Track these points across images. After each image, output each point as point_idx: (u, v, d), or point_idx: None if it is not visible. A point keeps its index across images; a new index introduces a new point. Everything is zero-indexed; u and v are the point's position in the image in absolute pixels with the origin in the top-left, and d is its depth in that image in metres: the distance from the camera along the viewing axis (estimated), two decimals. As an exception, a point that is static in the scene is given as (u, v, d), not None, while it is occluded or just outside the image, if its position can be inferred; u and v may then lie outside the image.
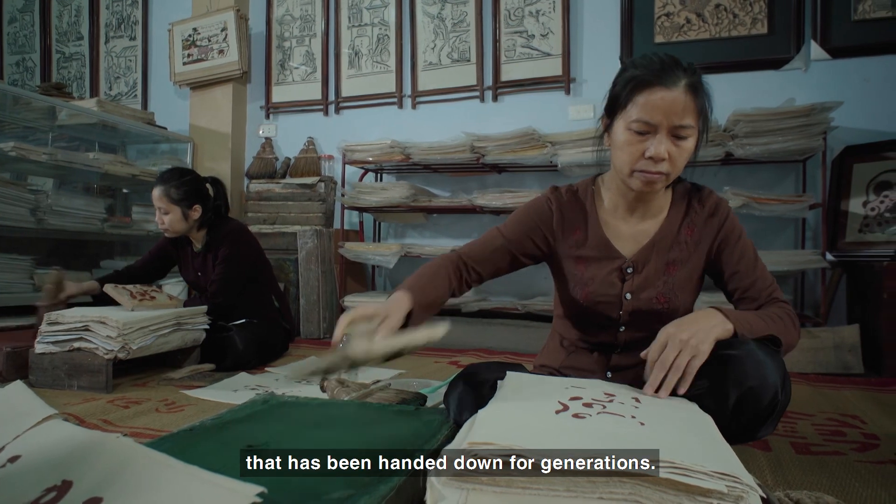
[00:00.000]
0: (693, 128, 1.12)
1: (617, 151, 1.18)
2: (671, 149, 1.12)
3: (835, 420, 1.68)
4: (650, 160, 1.12)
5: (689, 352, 1.00)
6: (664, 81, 1.10)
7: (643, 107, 1.11)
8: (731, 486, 0.62)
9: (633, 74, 1.14)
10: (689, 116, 1.11)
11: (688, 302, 1.30)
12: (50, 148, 3.27)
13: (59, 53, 4.62)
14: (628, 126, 1.13)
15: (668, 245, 1.26)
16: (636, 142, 1.13)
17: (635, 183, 1.17)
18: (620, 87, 1.17)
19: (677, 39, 3.04)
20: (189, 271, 2.58)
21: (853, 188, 2.68)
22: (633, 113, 1.12)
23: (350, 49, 3.74)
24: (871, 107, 2.74)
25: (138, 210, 3.80)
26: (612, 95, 1.20)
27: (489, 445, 0.66)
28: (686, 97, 1.10)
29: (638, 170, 1.14)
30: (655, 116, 1.10)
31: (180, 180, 2.42)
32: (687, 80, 1.10)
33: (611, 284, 1.26)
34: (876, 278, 2.36)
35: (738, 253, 1.24)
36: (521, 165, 3.09)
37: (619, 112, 1.17)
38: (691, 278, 1.28)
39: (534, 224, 1.31)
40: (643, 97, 1.11)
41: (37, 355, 1.97)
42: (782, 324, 1.15)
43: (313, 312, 3.27)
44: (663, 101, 1.09)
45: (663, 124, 1.10)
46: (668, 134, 1.11)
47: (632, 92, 1.13)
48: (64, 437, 0.87)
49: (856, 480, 1.20)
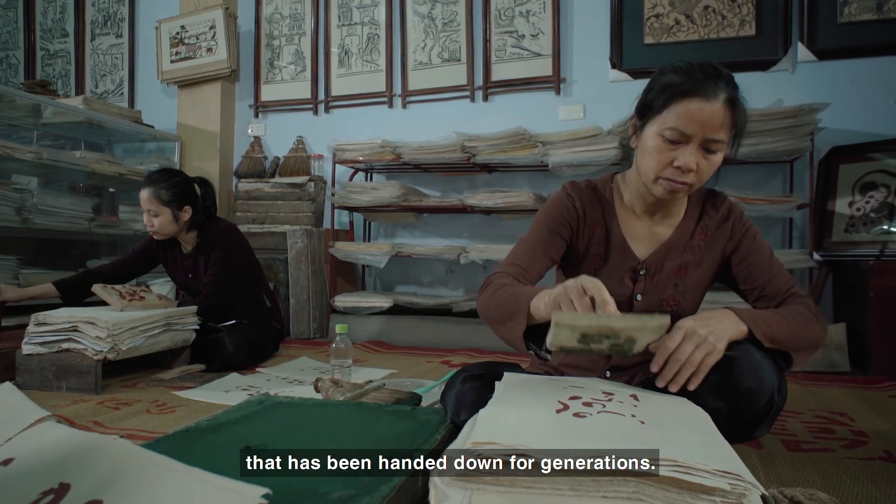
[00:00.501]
0: (724, 143, 1.11)
1: (645, 156, 1.16)
2: (700, 161, 1.10)
3: (823, 417, 1.70)
4: (678, 169, 1.11)
5: (705, 348, 1.00)
6: (705, 92, 1.07)
7: (680, 116, 1.08)
8: (733, 484, 0.62)
9: (673, 81, 1.11)
10: (724, 131, 1.10)
11: (695, 305, 1.31)
12: (35, 146, 3.22)
13: (43, 50, 4.56)
14: (661, 132, 1.11)
15: (681, 249, 1.26)
16: (666, 149, 1.11)
17: (658, 189, 1.16)
18: (657, 92, 1.14)
19: (666, 41, 3.07)
20: (179, 273, 2.55)
21: (839, 188, 2.71)
22: (668, 120, 1.10)
23: (340, 48, 3.73)
24: (857, 108, 2.78)
25: (125, 209, 3.76)
26: (646, 98, 1.17)
27: (493, 445, 0.67)
28: (724, 111, 1.08)
29: (663, 177, 1.13)
30: (691, 127, 1.08)
31: (170, 181, 2.38)
32: (727, 93, 1.09)
33: (622, 285, 1.26)
34: (862, 277, 2.39)
35: (751, 254, 1.24)
36: (512, 165, 3.10)
37: (653, 117, 1.14)
38: (702, 282, 1.28)
39: (562, 221, 1.27)
40: (681, 106, 1.09)
41: (24, 356, 1.94)
42: (803, 320, 1.14)
43: (303, 312, 3.26)
44: (702, 112, 1.07)
45: (697, 136, 1.08)
46: (699, 145, 1.10)
47: (670, 99, 1.10)
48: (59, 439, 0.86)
49: (846, 477, 1.22)
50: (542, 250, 1.25)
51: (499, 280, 1.16)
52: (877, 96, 2.77)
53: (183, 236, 2.48)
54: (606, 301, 0.89)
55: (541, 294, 1.01)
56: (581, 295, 0.91)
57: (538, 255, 1.24)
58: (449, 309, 3.14)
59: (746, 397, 1.02)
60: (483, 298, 1.16)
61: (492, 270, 1.23)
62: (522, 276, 1.20)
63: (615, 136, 2.77)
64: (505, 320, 1.08)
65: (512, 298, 1.07)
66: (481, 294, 1.18)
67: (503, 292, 1.11)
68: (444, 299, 3.19)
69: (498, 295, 1.11)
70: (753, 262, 1.24)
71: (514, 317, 1.05)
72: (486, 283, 1.19)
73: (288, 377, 2.17)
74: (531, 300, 1.02)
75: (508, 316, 1.07)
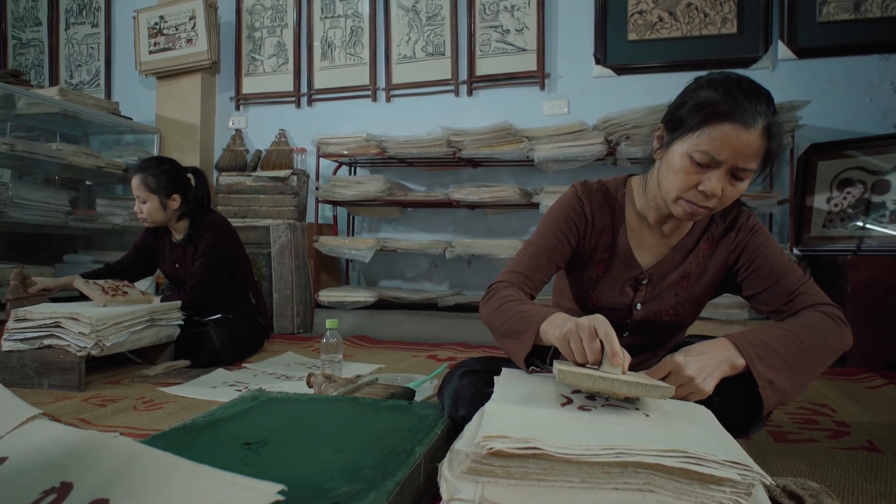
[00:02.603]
0: (753, 171, 1.04)
1: (669, 174, 1.08)
2: (726, 187, 1.04)
3: (806, 409, 1.74)
4: (702, 193, 1.04)
5: (688, 388, 0.97)
6: (743, 118, 0.99)
7: (713, 140, 1.01)
8: (742, 475, 0.63)
9: (710, 100, 1.02)
10: (756, 160, 1.03)
11: (695, 313, 1.28)
12: (8, 137, 3.14)
13: (15, 39, 4.44)
14: (690, 153, 1.04)
15: (684, 258, 1.22)
16: (693, 171, 1.04)
17: (678, 210, 1.09)
18: (691, 109, 1.05)
19: (650, 37, 3.09)
20: (167, 263, 2.52)
21: (817, 185, 2.77)
22: (700, 143, 1.02)
23: (322, 41, 3.69)
24: (835, 106, 2.84)
25: (103, 203, 3.69)
26: (678, 113, 1.08)
27: (503, 439, 0.67)
28: (761, 140, 1.01)
29: (685, 199, 1.07)
30: (724, 154, 1.01)
31: (158, 169, 2.37)
32: (766, 121, 1.01)
33: (623, 293, 1.24)
34: (840, 272, 2.45)
35: (756, 260, 1.17)
36: (497, 160, 3.10)
37: (684, 134, 1.05)
38: (704, 293, 1.24)
39: (570, 225, 1.22)
40: (716, 129, 1.00)
41: (3, 353, 1.89)
42: (819, 331, 1.06)
43: (287, 307, 3.23)
44: (738, 140, 1.00)
45: (728, 162, 1.02)
46: (727, 171, 1.03)
47: (705, 119, 1.02)
48: (55, 437, 0.84)
49: (832, 466, 1.25)
50: (548, 257, 1.21)
51: (505, 291, 1.13)
52: (854, 95, 2.83)
53: (173, 225, 2.46)
54: (616, 353, 0.84)
55: (551, 319, 0.98)
56: (592, 338, 0.87)
57: (543, 262, 1.20)
58: (434, 303, 3.14)
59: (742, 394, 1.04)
60: (488, 309, 1.13)
61: (496, 277, 1.21)
62: (526, 286, 1.17)
63: (600, 131, 2.79)
64: (510, 336, 1.06)
65: (520, 317, 1.04)
66: (486, 303, 1.15)
67: (511, 308, 1.07)
68: (429, 294, 3.19)
69: (505, 309, 1.08)
70: (758, 267, 1.17)
71: (520, 336, 1.02)
72: (490, 291, 1.17)
73: (275, 372, 2.15)
74: (541, 323, 0.99)
75: (514, 333, 1.04)
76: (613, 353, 0.85)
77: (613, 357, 0.84)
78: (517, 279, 1.17)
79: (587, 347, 0.88)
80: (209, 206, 2.55)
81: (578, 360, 0.89)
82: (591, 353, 0.87)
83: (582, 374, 0.78)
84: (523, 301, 1.09)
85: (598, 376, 0.78)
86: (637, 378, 0.82)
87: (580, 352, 0.89)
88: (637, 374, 0.86)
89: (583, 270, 1.27)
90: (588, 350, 0.87)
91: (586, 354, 0.88)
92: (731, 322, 2.61)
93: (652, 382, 0.79)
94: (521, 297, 1.12)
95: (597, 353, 0.87)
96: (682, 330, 1.34)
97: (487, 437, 0.67)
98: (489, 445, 0.66)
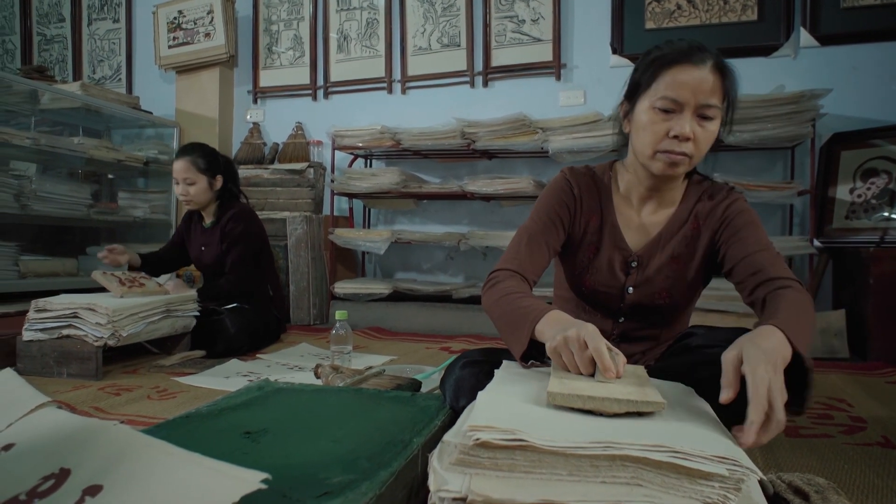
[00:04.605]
0: (718, 108, 1.10)
1: (639, 133, 1.14)
2: (696, 129, 1.09)
3: (822, 404, 1.71)
4: (674, 139, 1.09)
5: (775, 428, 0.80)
6: (692, 59, 1.08)
7: (670, 84, 1.08)
8: (731, 470, 0.62)
9: (659, 55, 1.12)
10: (716, 96, 1.08)
11: (690, 296, 1.28)
12: (33, 132, 3.21)
13: (40, 36, 4.52)
14: (653, 105, 1.10)
15: (672, 238, 1.23)
16: (660, 121, 1.10)
17: (657, 165, 1.13)
18: (643, 69, 1.14)
19: (668, 25, 3.04)
20: (194, 247, 2.62)
21: (840, 175, 2.70)
22: (658, 90, 1.09)
23: (339, 33, 3.70)
24: (860, 94, 2.76)
25: (124, 196, 3.75)
26: (633, 79, 1.17)
27: (490, 430, 0.67)
28: (713, 76, 1.08)
29: (661, 150, 1.11)
30: (683, 94, 1.07)
31: (203, 150, 2.52)
32: (713, 59, 1.08)
33: (614, 277, 1.24)
34: (862, 264, 2.39)
35: (739, 232, 1.16)
36: (512, 151, 3.09)
37: (643, 93, 1.13)
38: (696, 274, 1.24)
39: (560, 207, 1.24)
40: (670, 75, 1.08)
41: (24, 343, 1.94)
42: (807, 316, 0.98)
43: (303, 299, 3.26)
44: (692, 78, 1.07)
45: (690, 103, 1.07)
46: (693, 113, 1.08)
47: (657, 70, 1.10)
48: (59, 424, 0.86)
49: (844, 462, 1.22)
50: (544, 242, 1.21)
51: (505, 282, 1.13)
52: (879, 82, 2.75)
53: (209, 208, 2.58)
54: (608, 367, 0.84)
55: (546, 318, 0.98)
56: (582, 349, 0.87)
57: (539, 247, 1.21)
58: (449, 295, 3.14)
59: None
60: (488, 300, 1.14)
61: (495, 265, 1.21)
62: (525, 273, 1.18)
63: (615, 122, 2.75)
64: (507, 331, 1.06)
65: (518, 312, 1.04)
66: (486, 293, 1.15)
67: (510, 301, 1.08)
68: (444, 286, 3.19)
69: (504, 302, 1.08)
70: (739, 239, 1.15)
71: (516, 332, 1.03)
72: (490, 280, 1.17)
73: (288, 363, 2.17)
74: (536, 322, 0.99)
75: (511, 329, 1.05)
76: (605, 369, 0.84)
77: (606, 371, 0.84)
78: (515, 266, 1.18)
79: (578, 360, 0.88)
80: (238, 196, 2.66)
81: (572, 371, 0.89)
82: (582, 366, 0.87)
83: (572, 396, 0.78)
84: (523, 294, 1.09)
85: (587, 396, 0.77)
86: (630, 390, 0.81)
87: (572, 365, 0.89)
88: (632, 383, 0.85)
89: (575, 254, 1.28)
90: (580, 363, 0.88)
91: (578, 367, 0.88)
92: (749, 315, 2.57)
93: (644, 397, 0.78)
94: (521, 288, 1.12)
95: (588, 365, 0.87)
96: (678, 314, 1.32)
97: (474, 427, 0.67)
98: (476, 436, 0.66)
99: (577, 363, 0.88)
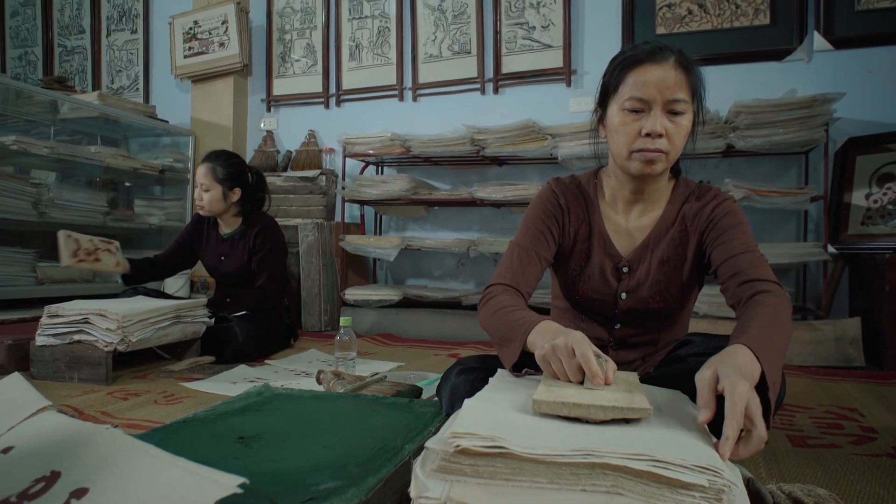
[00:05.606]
0: (687, 103, 1.11)
1: (613, 136, 1.16)
2: (667, 125, 1.10)
3: (833, 413, 1.67)
4: (647, 137, 1.10)
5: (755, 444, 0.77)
6: (653, 58, 1.10)
7: (635, 84, 1.11)
8: (712, 480, 0.61)
9: (622, 58, 1.15)
10: (682, 91, 1.10)
11: (684, 299, 1.27)
12: (52, 141, 3.28)
13: (61, 47, 4.63)
14: (622, 107, 1.12)
15: (661, 242, 1.23)
16: (631, 121, 1.12)
17: (634, 165, 1.14)
18: (610, 73, 1.18)
19: (679, 31, 3.02)
20: (211, 255, 2.63)
21: (856, 180, 2.66)
22: (625, 92, 1.12)
23: (351, 41, 3.73)
24: (875, 98, 2.72)
25: (141, 203, 3.81)
26: (602, 85, 1.21)
27: (471, 436, 0.66)
28: (677, 72, 1.10)
29: (636, 149, 1.12)
30: (648, 92, 1.09)
31: (227, 161, 2.53)
32: (675, 55, 1.11)
33: (606, 283, 1.24)
34: (878, 271, 2.35)
35: (726, 232, 1.15)
36: (522, 158, 3.08)
37: (612, 97, 1.16)
38: (687, 275, 1.24)
39: (548, 218, 1.26)
40: (633, 76, 1.11)
41: (37, 347, 1.98)
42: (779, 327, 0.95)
43: (314, 305, 3.28)
44: (655, 76, 1.09)
45: (657, 100, 1.09)
46: (663, 110, 1.10)
47: (622, 72, 1.13)
48: (55, 428, 0.87)
49: (850, 473, 1.20)
50: (535, 254, 1.23)
51: (499, 297, 1.14)
52: (895, 86, 2.70)
53: (225, 218, 2.59)
54: (595, 373, 0.84)
55: (538, 329, 0.99)
56: (570, 357, 0.87)
57: (531, 260, 1.22)
58: (459, 302, 3.14)
59: None
60: (484, 315, 1.15)
61: (490, 280, 1.22)
62: (519, 287, 1.19)
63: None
64: (501, 343, 1.07)
65: (510, 325, 1.05)
66: (482, 309, 1.17)
67: (503, 315, 1.09)
68: (454, 292, 3.19)
69: (498, 316, 1.10)
70: (724, 241, 1.15)
71: (509, 344, 1.04)
72: (485, 296, 1.18)
73: (295, 369, 2.19)
74: (528, 333, 1.00)
75: (505, 342, 1.05)
76: (593, 375, 0.84)
77: (593, 378, 0.84)
78: (509, 280, 1.19)
79: (567, 368, 0.88)
80: (263, 209, 2.69)
81: (562, 379, 0.89)
82: (571, 374, 0.87)
83: (557, 404, 0.77)
84: (516, 307, 1.10)
85: (572, 403, 0.77)
86: (618, 396, 0.80)
87: (561, 373, 0.89)
88: (621, 389, 0.84)
89: (566, 264, 1.29)
90: (568, 370, 0.88)
91: (567, 375, 0.88)
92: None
93: (630, 403, 0.77)
94: (514, 302, 1.13)
95: (577, 373, 0.87)
96: (674, 318, 1.30)
97: (456, 433, 0.67)
98: (456, 442, 0.66)
99: (565, 371, 0.88)
